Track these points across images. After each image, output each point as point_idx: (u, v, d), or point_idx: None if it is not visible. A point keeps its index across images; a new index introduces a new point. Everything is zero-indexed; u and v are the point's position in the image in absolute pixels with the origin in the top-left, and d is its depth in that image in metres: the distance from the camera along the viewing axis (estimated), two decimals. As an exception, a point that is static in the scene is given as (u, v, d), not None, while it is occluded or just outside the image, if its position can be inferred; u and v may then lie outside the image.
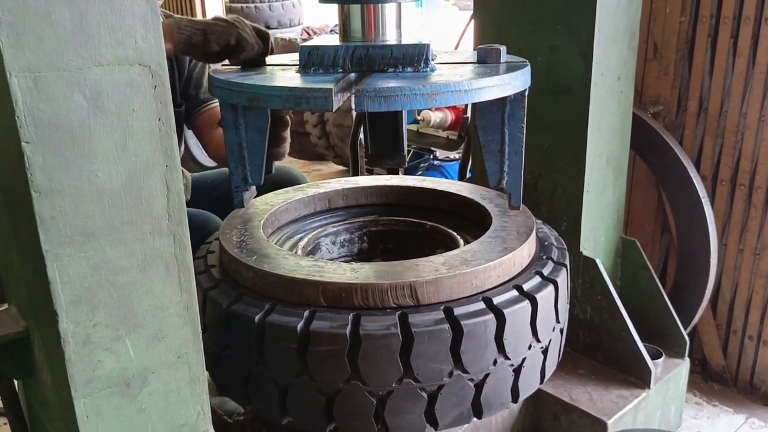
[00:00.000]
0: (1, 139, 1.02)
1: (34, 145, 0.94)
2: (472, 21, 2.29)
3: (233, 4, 6.41)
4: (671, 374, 2.13)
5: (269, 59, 1.63)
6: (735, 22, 2.24)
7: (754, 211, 2.32)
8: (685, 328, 2.26)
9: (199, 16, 6.78)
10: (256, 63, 1.59)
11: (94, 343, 1.06)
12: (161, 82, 1.03)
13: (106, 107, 0.99)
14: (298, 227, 1.95)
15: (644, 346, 2.07)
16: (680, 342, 2.20)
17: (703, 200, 2.27)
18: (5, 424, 2.41)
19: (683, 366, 2.19)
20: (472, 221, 1.90)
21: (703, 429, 2.33)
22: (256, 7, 6.30)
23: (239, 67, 1.58)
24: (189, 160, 3.48)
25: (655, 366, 2.06)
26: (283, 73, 1.47)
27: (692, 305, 2.37)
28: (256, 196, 1.79)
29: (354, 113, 3.72)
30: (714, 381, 2.56)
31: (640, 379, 2.06)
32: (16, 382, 1.48)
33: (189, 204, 2.22)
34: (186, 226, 1.12)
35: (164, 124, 1.05)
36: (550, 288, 1.53)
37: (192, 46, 1.56)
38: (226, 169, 2.48)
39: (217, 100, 2.50)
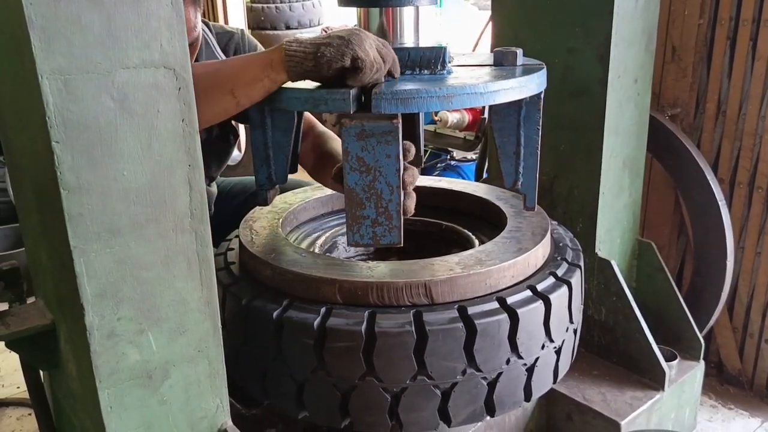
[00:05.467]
0: (32, 138, 1.06)
1: (63, 145, 0.98)
2: (490, 22, 2.31)
3: (253, 4, 6.46)
4: (686, 376, 2.13)
5: None
6: (754, 24, 2.23)
7: (772, 215, 2.32)
8: (701, 331, 2.26)
9: (220, 15, 6.81)
10: None
11: (118, 336, 1.09)
12: (185, 84, 1.07)
13: (132, 108, 1.02)
14: (316, 225, 1.98)
15: (659, 348, 2.07)
16: (695, 344, 2.20)
17: (720, 203, 2.27)
18: (30, 414, 2.48)
19: (698, 368, 2.18)
20: (487, 222, 1.92)
21: (717, 432, 2.33)
22: (276, 7, 6.33)
23: None
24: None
25: (670, 368, 2.07)
26: (302, 74, 1.50)
27: (708, 308, 2.37)
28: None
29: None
30: (730, 384, 2.55)
31: (654, 380, 2.06)
32: (42, 373, 1.52)
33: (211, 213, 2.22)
34: (207, 224, 1.15)
35: (188, 125, 1.08)
36: (564, 289, 1.54)
37: (305, 73, 1.32)
38: (246, 177, 2.51)
39: None
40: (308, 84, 1.37)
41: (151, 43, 1.02)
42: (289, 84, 1.38)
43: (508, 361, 1.45)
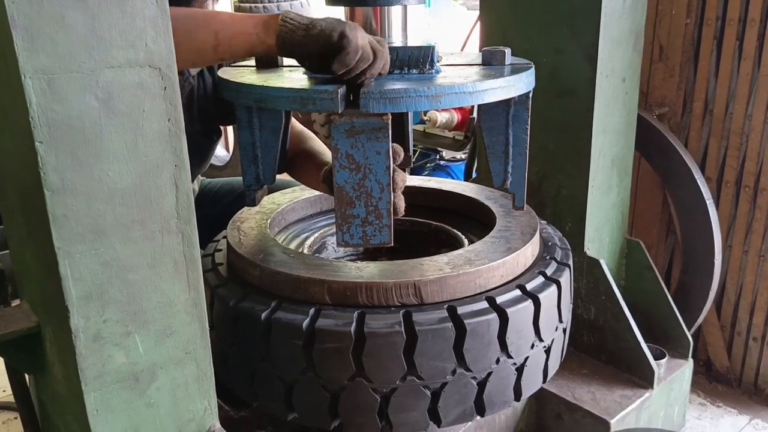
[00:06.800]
0: (15, 139, 1.05)
1: (47, 145, 0.96)
2: (479, 22, 2.31)
3: (241, 4, 6.42)
4: (675, 375, 2.14)
5: (279, 60, 1.63)
6: (741, 24, 2.24)
7: (758, 213, 2.33)
8: (690, 329, 2.27)
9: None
10: (271, 63, 1.54)
11: (104, 338, 1.08)
12: (171, 83, 1.05)
13: (117, 108, 1.01)
14: (305, 226, 1.97)
15: (648, 346, 2.08)
16: (684, 343, 2.21)
17: (707, 202, 2.28)
18: (16, 418, 2.45)
19: (687, 367, 2.19)
20: (476, 221, 1.92)
21: (706, 430, 2.34)
22: (264, 7, 6.30)
23: (253, 67, 1.59)
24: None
25: (659, 366, 2.07)
26: (290, 74, 1.49)
27: (696, 306, 2.38)
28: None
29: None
30: (718, 382, 2.57)
31: (643, 379, 2.07)
32: (27, 376, 1.51)
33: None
34: (194, 225, 1.14)
35: (173, 124, 1.07)
36: (553, 288, 1.55)
37: (294, 45, 1.29)
38: (233, 178, 2.49)
39: None
40: (296, 83, 1.36)
41: (136, 43, 1.00)
42: (277, 83, 1.37)
43: (497, 361, 1.45)
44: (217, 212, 2.17)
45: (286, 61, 1.63)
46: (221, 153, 4.97)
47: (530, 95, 1.48)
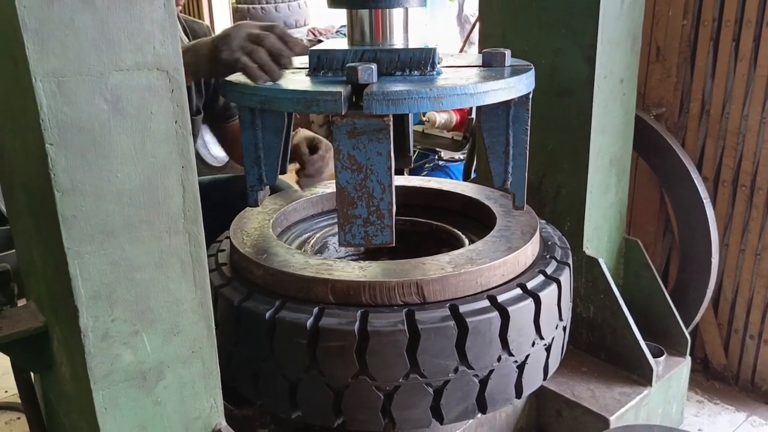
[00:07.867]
0: (24, 140, 1.06)
1: (57, 147, 0.98)
2: (477, 23, 2.32)
3: (239, 5, 6.44)
4: (673, 372, 2.16)
5: None
6: (737, 25, 2.26)
7: (755, 212, 2.35)
8: (687, 327, 2.29)
9: (206, 16, 6.78)
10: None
11: (112, 337, 1.10)
12: (178, 86, 1.07)
13: (126, 110, 1.03)
14: (307, 226, 1.98)
15: (646, 344, 2.10)
16: (682, 341, 2.23)
17: (704, 201, 2.30)
18: (19, 418, 2.46)
19: (685, 364, 2.21)
20: (476, 221, 1.93)
21: (704, 427, 2.36)
22: (262, 8, 6.32)
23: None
24: (197, 160, 3.49)
25: (657, 364, 2.09)
26: (293, 76, 1.51)
27: (694, 304, 2.40)
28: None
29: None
30: (715, 379, 2.59)
31: (642, 376, 2.09)
32: (33, 375, 1.52)
33: None
34: (201, 225, 1.16)
35: (181, 126, 1.09)
36: (554, 287, 1.56)
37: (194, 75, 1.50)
38: (220, 175, 2.49)
39: None
40: (300, 85, 1.38)
41: (144, 46, 1.02)
42: (281, 85, 1.39)
43: (499, 359, 1.47)
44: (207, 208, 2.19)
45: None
46: (220, 154, 4.97)
47: (530, 96, 1.50)
